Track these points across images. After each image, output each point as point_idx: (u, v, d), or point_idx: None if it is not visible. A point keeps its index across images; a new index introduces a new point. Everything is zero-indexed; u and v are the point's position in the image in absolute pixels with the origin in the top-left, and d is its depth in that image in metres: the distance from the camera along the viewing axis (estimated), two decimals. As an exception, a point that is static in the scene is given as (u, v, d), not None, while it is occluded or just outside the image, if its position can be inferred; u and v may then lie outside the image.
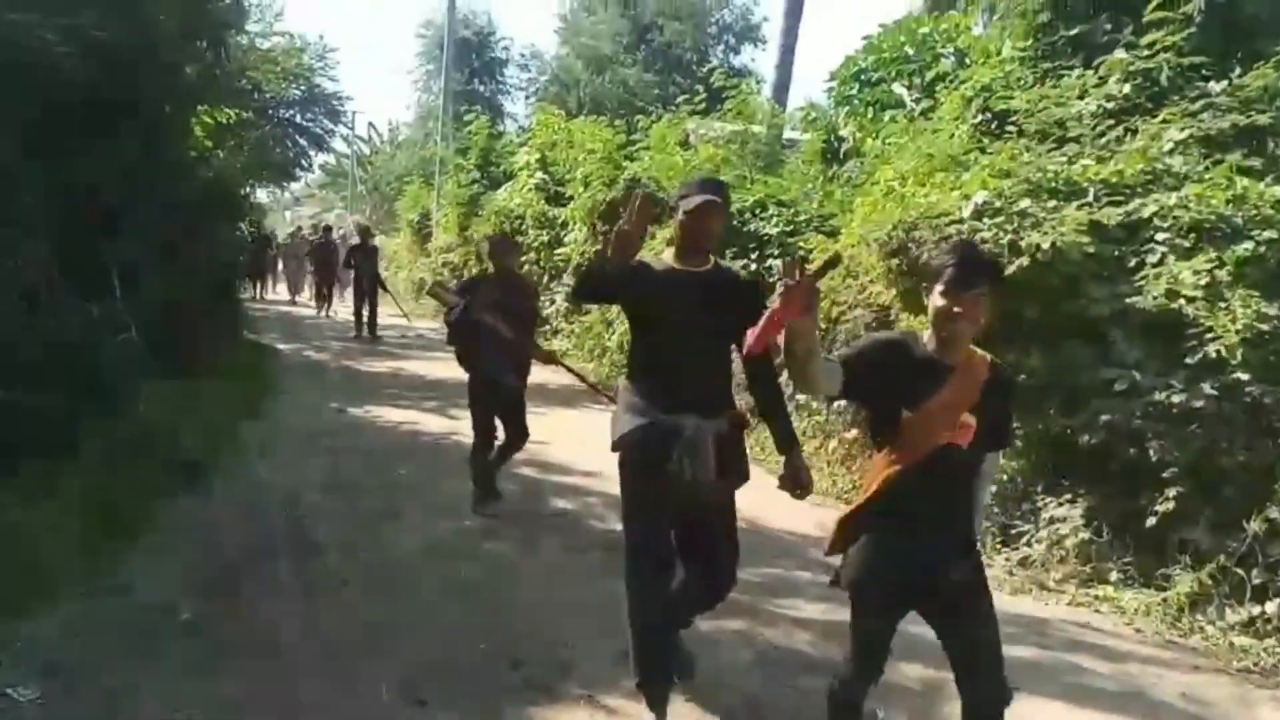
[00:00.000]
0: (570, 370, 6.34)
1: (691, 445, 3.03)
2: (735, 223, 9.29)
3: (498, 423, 5.74)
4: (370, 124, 41.72)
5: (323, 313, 18.41)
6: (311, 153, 23.49)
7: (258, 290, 21.51)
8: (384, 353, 13.33)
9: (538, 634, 3.97)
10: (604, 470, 6.58)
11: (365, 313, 14.54)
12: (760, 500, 6.32)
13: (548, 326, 12.96)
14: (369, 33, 79.62)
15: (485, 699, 3.42)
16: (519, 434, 5.77)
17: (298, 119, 22.07)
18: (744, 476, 3.25)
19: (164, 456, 5.69)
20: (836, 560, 2.69)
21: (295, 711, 3.29)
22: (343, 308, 18.95)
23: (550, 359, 5.76)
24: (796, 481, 3.11)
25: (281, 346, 13.04)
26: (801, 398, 6.85)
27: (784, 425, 3.25)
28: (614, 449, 3.20)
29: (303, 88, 21.53)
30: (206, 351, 8.58)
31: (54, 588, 4.03)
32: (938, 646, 2.59)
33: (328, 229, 20.80)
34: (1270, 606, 4.16)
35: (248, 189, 14.43)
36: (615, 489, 6.57)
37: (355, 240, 20.63)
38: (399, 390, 10.15)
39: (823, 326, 6.66)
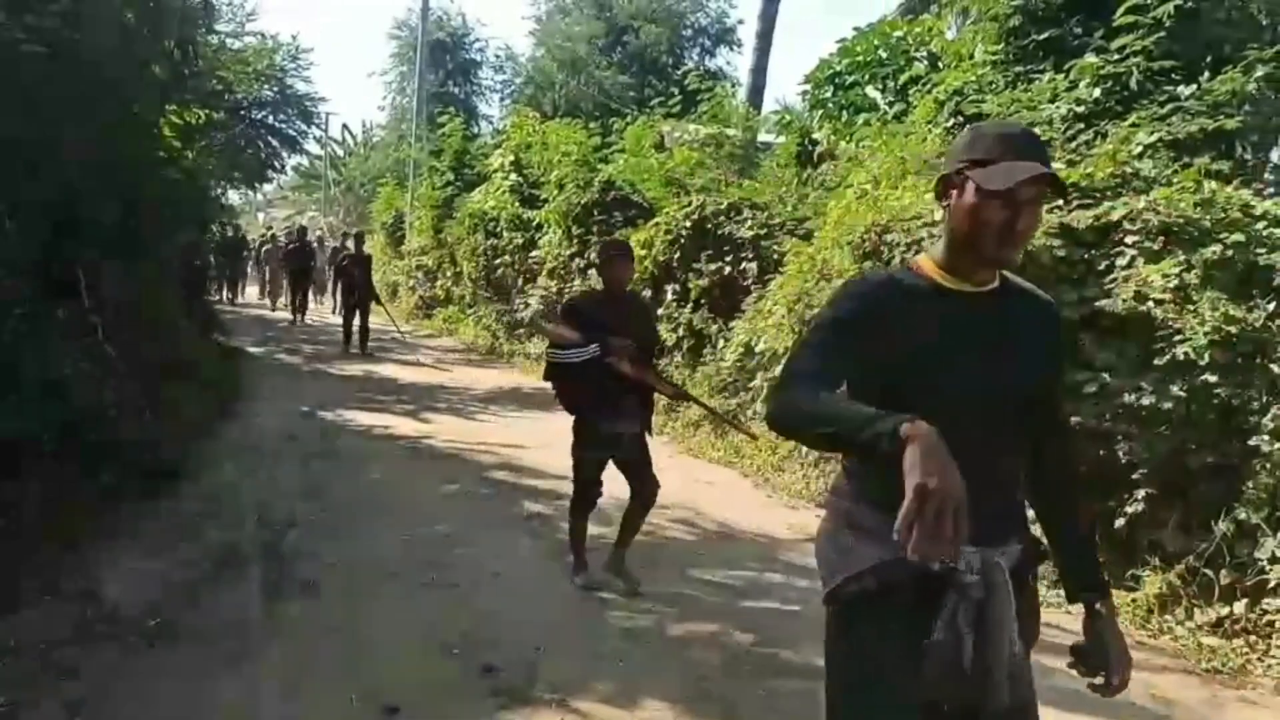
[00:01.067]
0: (708, 409, 5.93)
1: (980, 598, 1.67)
2: (708, 226, 9.28)
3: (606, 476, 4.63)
4: (344, 125, 41.59)
5: (298, 320, 17.44)
6: (284, 154, 23.35)
7: (226, 293, 21.25)
8: (356, 356, 13.19)
9: (509, 639, 3.93)
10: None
11: (356, 323, 13.37)
12: (727, 499, 6.37)
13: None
14: (344, 34, 79.20)
15: (456, 705, 3.38)
16: (647, 486, 4.54)
17: (270, 120, 21.92)
18: (1032, 640, 1.82)
19: (133, 460, 5.60)
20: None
21: (264, 718, 3.24)
22: (319, 314, 18.75)
23: (680, 395, 4.93)
24: (1103, 663, 1.77)
25: (254, 350, 12.91)
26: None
27: (1087, 551, 1.90)
28: (829, 602, 1.79)
29: (275, 89, 21.39)
30: (176, 354, 8.47)
31: (23, 592, 3.96)
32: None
33: (303, 230, 20.56)
34: (1238, 607, 4.18)
35: (219, 190, 14.27)
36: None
37: (335, 244, 20.48)
38: (371, 394, 10.08)
39: (796, 330, 6.66)
